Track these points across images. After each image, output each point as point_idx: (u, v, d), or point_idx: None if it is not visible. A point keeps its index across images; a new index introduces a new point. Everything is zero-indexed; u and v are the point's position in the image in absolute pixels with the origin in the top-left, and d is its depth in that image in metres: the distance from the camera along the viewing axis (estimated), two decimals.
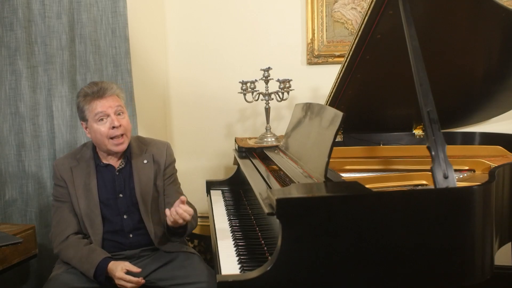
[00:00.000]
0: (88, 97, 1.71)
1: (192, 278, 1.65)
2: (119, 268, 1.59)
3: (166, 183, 1.87)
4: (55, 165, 1.81)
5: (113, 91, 1.73)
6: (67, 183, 1.76)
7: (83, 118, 1.74)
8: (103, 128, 1.70)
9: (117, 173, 1.79)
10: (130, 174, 1.80)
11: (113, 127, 1.69)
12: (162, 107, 2.80)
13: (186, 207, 1.59)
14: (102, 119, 1.70)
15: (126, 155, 1.81)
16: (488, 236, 1.24)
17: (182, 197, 1.62)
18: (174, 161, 1.93)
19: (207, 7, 2.72)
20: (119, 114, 1.73)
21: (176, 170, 1.95)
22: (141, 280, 1.59)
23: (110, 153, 1.77)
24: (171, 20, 2.77)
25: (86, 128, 1.76)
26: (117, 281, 1.58)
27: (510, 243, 1.62)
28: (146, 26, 2.61)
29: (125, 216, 1.77)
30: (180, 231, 1.71)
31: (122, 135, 1.72)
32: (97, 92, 1.70)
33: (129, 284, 1.57)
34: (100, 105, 1.70)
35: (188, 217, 1.60)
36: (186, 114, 2.83)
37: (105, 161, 1.79)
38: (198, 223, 2.72)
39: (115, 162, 1.80)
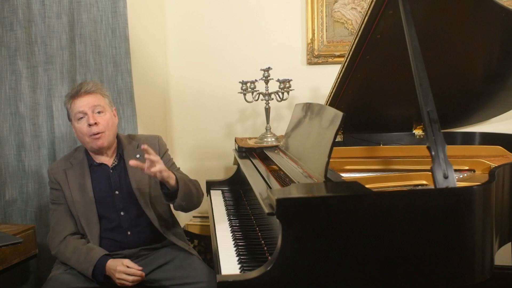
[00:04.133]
0: (70, 97, 1.75)
1: (191, 278, 1.65)
2: (119, 263, 1.59)
3: None
4: (49, 170, 1.83)
5: (90, 88, 1.73)
6: (61, 185, 1.77)
7: (69, 119, 1.79)
8: (82, 126, 1.72)
9: (111, 171, 1.80)
10: (124, 170, 1.81)
11: (89, 125, 1.70)
12: (162, 107, 2.80)
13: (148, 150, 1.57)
14: (81, 118, 1.72)
15: (118, 152, 1.83)
16: (488, 236, 1.24)
17: (143, 146, 1.58)
18: (167, 150, 1.95)
19: (207, 7, 2.72)
20: (98, 113, 1.73)
21: (172, 158, 1.96)
22: (142, 273, 1.60)
23: (94, 151, 1.78)
24: (171, 20, 2.77)
25: (74, 129, 1.79)
26: (118, 275, 1.57)
27: (510, 243, 1.62)
28: (146, 26, 2.61)
29: (122, 213, 1.77)
30: (173, 191, 1.68)
31: (98, 133, 1.72)
32: (76, 90, 1.74)
33: (130, 277, 1.57)
34: (78, 104, 1.72)
35: (153, 157, 1.57)
36: (186, 114, 2.83)
37: (98, 161, 1.81)
38: (198, 223, 2.73)
39: (108, 161, 1.82)
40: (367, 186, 1.26)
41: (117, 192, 1.78)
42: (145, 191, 1.80)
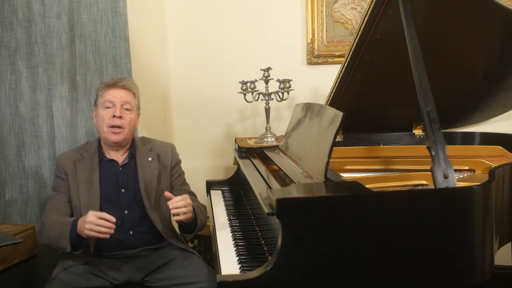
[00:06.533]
0: (106, 85, 1.81)
1: (191, 278, 1.65)
2: (89, 214, 1.54)
3: (175, 184, 1.91)
4: (58, 158, 1.84)
5: (128, 85, 1.81)
6: (68, 176, 1.78)
7: (95, 104, 1.83)
8: (105, 115, 1.76)
9: (120, 168, 1.81)
10: (134, 169, 1.82)
11: (114, 116, 1.74)
12: (162, 107, 2.80)
13: (176, 199, 1.61)
14: (108, 107, 1.76)
15: (131, 152, 1.85)
16: (488, 236, 1.24)
17: (166, 193, 1.63)
18: (179, 161, 1.97)
19: (207, 7, 2.72)
20: (126, 109, 1.78)
21: (183, 172, 1.98)
22: (112, 225, 1.53)
23: (108, 143, 1.79)
24: (171, 20, 2.77)
25: (95, 115, 1.83)
26: (87, 225, 1.51)
27: (510, 243, 1.62)
28: (146, 26, 2.61)
29: (126, 212, 1.77)
30: (190, 226, 1.73)
31: (120, 127, 1.76)
32: (114, 81, 1.80)
33: (104, 229, 1.50)
34: (112, 94, 1.78)
35: (182, 208, 1.60)
36: (186, 114, 2.83)
37: (108, 156, 1.82)
38: None
39: (119, 158, 1.83)
40: (367, 186, 1.26)
41: (123, 190, 1.79)
42: (152, 194, 1.81)
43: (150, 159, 1.85)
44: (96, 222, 1.51)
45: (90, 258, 1.69)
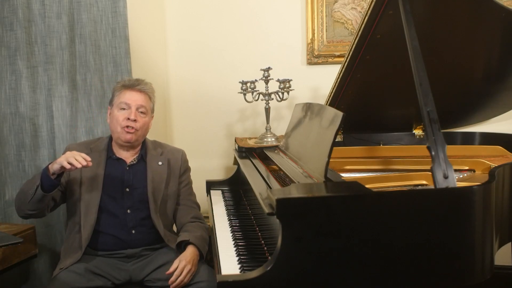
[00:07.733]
0: (123, 85, 1.82)
1: (192, 278, 1.66)
2: (67, 152, 1.63)
3: (182, 193, 1.92)
4: (67, 147, 1.85)
5: (145, 88, 1.82)
6: None
7: (111, 103, 1.84)
8: (120, 116, 1.77)
9: (127, 168, 1.82)
10: (142, 171, 1.83)
11: (128, 119, 1.75)
12: (162, 107, 2.80)
13: (176, 274, 1.62)
14: (123, 109, 1.77)
15: (141, 153, 1.86)
16: (488, 236, 1.24)
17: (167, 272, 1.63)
18: (189, 169, 1.98)
19: (207, 7, 2.72)
20: (141, 113, 1.79)
21: (191, 181, 1.99)
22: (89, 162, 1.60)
23: (120, 143, 1.80)
24: (171, 20, 2.77)
25: (109, 113, 1.84)
26: (65, 154, 1.59)
27: (510, 243, 1.62)
28: (146, 26, 2.61)
29: (128, 211, 1.78)
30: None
31: (133, 128, 1.76)
32: (132, 83, 1.81)
33: (75, 161, 1.55)
34: (128, 96, 1.78)
35: (184, 279, 1.63)
36: (186, 114, 2.83)
37: (117, 155, 1.83)
38: None
39: (128, 157, 1.84)
40: (367, 186, 1.26)
41: (127, 190, 1.79)
42: (158, 197, 1.82)
43: (160, 163, 1.87)
44: (74, 154, 1.58)
45: (82, 254, 1.69)
